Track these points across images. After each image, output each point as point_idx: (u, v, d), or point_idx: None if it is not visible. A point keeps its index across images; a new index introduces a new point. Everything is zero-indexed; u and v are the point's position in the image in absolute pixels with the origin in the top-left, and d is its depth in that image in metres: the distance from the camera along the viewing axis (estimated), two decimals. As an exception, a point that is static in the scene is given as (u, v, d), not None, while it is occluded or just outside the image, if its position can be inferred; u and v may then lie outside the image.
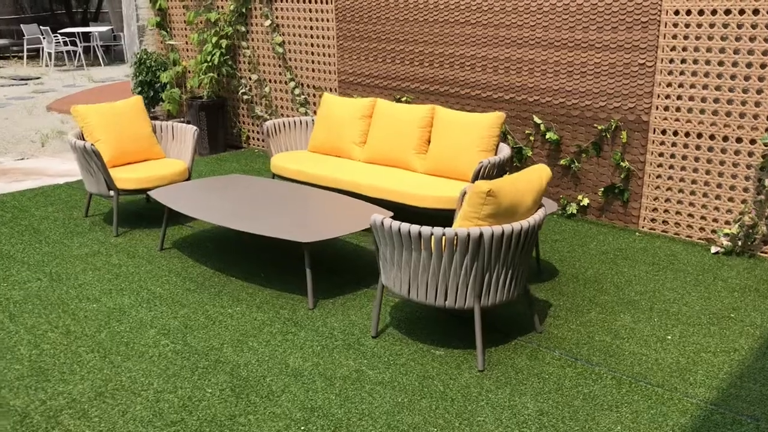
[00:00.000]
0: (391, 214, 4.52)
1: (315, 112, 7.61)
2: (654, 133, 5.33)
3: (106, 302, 4.25)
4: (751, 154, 4.93)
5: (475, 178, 4.86)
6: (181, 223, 5.68)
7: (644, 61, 5.27)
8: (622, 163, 5.49)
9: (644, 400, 3.27)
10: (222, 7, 8.14)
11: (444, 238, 3.34)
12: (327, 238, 4.11)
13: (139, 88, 8.71)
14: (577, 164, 5.77)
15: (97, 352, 3.66)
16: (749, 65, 4.81)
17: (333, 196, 4.88)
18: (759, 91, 4.80)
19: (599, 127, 5.55)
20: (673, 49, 5.10)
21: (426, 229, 3.35)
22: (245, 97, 8.21)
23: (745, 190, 5.00)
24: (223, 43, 8.01)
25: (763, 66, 4.76)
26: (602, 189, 5.66)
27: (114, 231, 5.40)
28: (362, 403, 3.24)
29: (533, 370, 3.52)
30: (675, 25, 5.06)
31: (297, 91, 7.65)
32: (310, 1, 7.30)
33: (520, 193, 3.43)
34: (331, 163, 5.78)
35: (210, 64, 8.08)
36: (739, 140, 4.96)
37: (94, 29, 17.28)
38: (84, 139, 5.62)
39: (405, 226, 3.40)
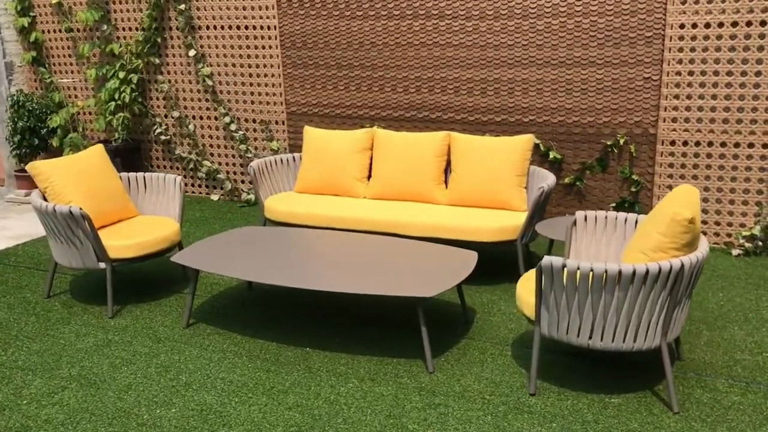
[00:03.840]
0: (476, 254, 4.12)
1: (257, 148, 6.88)
2: (662, 144, 5.42)
3: (185, 404, 3.38)
4: (763, 157, 5.16)
5: (536, 205, 4.58)
6: (169, 291, 4.78)
7: (649, 75, 5.34)
8: (633, 177, 5.51)
9: None
10: (125, 38, 7.11)
11: (648, 273, 3.03)
12: (446, 290, 3.62)
13: (19, 136, 7.34)
14: (582, 182, 5.71)
15: (240, 472, 2.86)
16: (758, 73, 5.04)
17: (395, 242, 4.35)
18: (769, 98, 5.05)
19: (607, 143, 5.53)
20: (680, 62, 5.22)
21: (627, 267, 3.02)
22: (162, 137, 7.22)
23: (759, 192, 5.22)
24: (134, 78, 6.99)
25: (772, 74, 5.01)
26: (614, 204, 5.65)
27: (109, 312, 4.38)
28: (602, 474, 2.82)
29: (722, 402, 3.31)
30: (681, 38, 5.18)
31: (233, 127, 6.87)
32: (246, 28, 6.59)
33: (699, 218, 3.22)
34: (343, 203, 5.19)
35: (119, 102, 7.00)
36: (751, 145, 5.17)
37: None
38: (47, 201, 4.52)
39: (599, 266, 3.04)
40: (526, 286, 3.53)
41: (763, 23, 4.94)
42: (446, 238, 4.71)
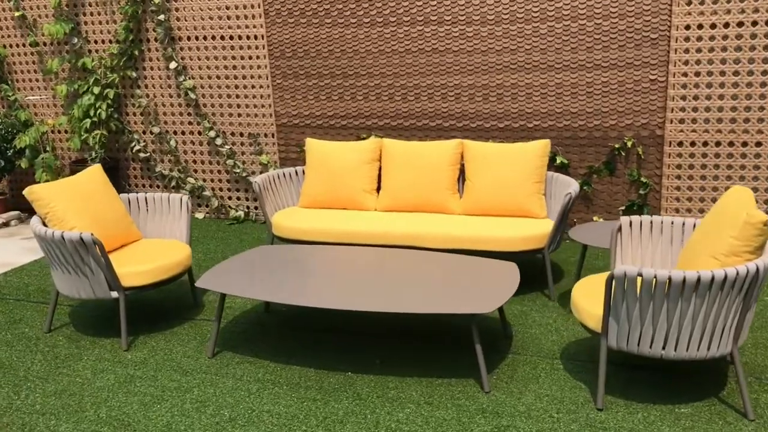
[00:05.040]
0: (515, 265, 3.98)
1: (244, 162, 6.61)
2: (670, 146, 5.40)
3: (236, 442, 3.12)
4: (771, 156, 5.20)
5: (564, 211, 4.48)
6: (181, 319, 4.49)
7: (656, 77, 5.32)
8: (641, 179, 5.48)
9: None
10: (98, 51, 6.74)
11: (726, 279, 2.94)
12: (502, 305, 3.46)
13: (-17, 158, 6.88)
14: (590, 186, 5.65)
15: None
16: (765, 72, 5.07)
17: (425, 255, 4.17)
18: (776, 97, 5.08)
19: (614, 146, 5.49)
20: (686, 63, 5.22)
21: (706, 273, 2.92)
22: (141, 154, 6.87)
23: (767, 190, 5.26)
24: (110, 93, 6.62)
25: (778, 73, 5.05)
26: (623, 208, 5.60)
27: (123, 344, 4.07)
28: (701, 491, 2.70)
29: (791, 406, 3.25)
30: (686, 39, 5.18)
31: (219, 141, 6.58)
32: (231, 38, 6.32)
33: (766, 219, 3.15)
34: (356, 216, 4.99)
35: (96, 119, 6.62)
36: (758, 144, 5.20)
37: None
38: (47, 227, 4.16)
39: (677, 274, 2.93)
40: (584, 294, 3.40)
41: (768, 23, 4.97)
42: (468, 249, 4.56)
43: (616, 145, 5.49)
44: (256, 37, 6.25)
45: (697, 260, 3.23)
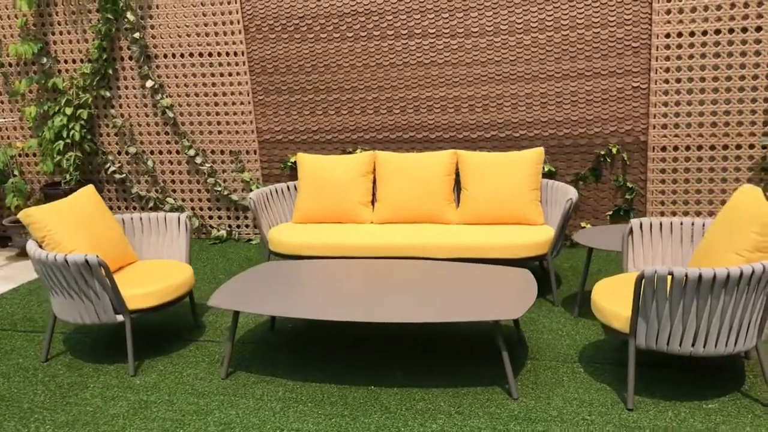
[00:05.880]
0: (528, 270, 4.00)
1: (225, 180, 6.49)
2: (653, 151, 5.54)
3: (272, 463, 3.03)
4: (751, 157, 5.38)
5: (565, 217, 4.54)
6: (184, 340, 4.36)
7: (638, 84, 5.47)
8: (627, 184, 5.60)
9: None
10: (68, 71, 6.55)
11: (753, 274, 3.01)
12: (527, 310, 3.47)
13: (-53, 185, 6.59)
14: (577, 192, 5.74)
15: None
16: (742, 77, 5.26)
17: (436, 265, 4.16)
18: (753, 100, 5.27)
19: (600, 153, 5.60)
20: (667, 70, 5.37)
21: (735, 270, 2.99)
22: (117, 176, 6.68)
23: (749, 191, 5.43)
24: (83, 113, 6.43)
25: (755, 77, 5.23)
26: (610, 213, 5.71)
27: (130, 369, 3.92)
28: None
29: (811, 396, 3.34)
30: (667, 47, 5.34)
31: (199, 160, 6.45)
32: (210, 54, 6.23)
33: (782, 215, 3.25)
34: (355, 229, 4.94)
35: (69, 140, 6.42)
36: (738, 147, 5.38)
37: None
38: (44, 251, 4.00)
39: (707, 271, 3.00)
40: (606, 297, 3.44)
41: (744, 30, 5.16)
42: (469, 258, 4.57)
43: (602, 152, 5.61)
44: (236, 54, 6.17)
45: (717, 258, 3.30)
